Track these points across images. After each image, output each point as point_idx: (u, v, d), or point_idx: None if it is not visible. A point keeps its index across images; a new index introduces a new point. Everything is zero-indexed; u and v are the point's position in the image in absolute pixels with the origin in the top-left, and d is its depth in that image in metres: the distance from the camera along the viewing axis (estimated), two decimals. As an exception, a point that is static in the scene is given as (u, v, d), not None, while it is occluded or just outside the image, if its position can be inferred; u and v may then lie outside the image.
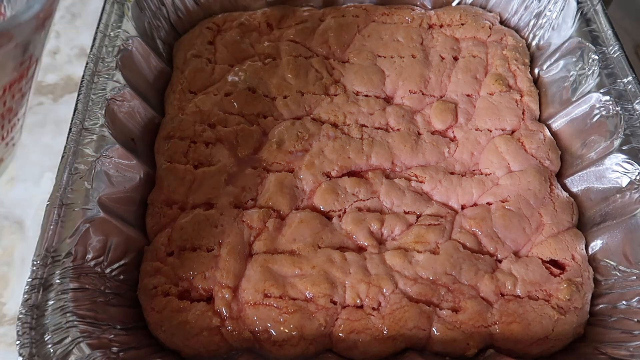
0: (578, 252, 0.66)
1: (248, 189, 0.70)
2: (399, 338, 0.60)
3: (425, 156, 0.73)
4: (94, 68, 0.69)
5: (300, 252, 0.65)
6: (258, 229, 0.67)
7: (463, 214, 0.69)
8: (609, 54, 0.71)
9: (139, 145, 0.72)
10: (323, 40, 0.84)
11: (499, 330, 0.61)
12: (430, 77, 0.81)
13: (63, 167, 0.61)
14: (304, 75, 0.80)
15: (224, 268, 0.63)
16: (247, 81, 0.78)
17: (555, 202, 0.69)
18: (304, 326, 0.60)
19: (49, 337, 0.51)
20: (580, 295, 0.63)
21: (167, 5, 0.85)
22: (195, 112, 0.76)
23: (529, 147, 0.73)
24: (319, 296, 0.61)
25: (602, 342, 0.60)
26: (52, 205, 0.58)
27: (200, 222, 0.66)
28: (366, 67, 0.81)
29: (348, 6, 0.88)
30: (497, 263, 0.66)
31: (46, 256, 0.55)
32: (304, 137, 0.74)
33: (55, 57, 0.96)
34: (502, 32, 0.86)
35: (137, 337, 0.59)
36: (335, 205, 0.69)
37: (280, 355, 0.60)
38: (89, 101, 0.66)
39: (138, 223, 0.68)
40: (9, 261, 0.75)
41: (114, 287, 0.60)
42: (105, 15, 0.75)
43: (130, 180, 0.67)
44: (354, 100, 0.78)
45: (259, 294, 0.61)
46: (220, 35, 0.86)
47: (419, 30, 0.85)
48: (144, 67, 0.77)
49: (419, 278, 0.63)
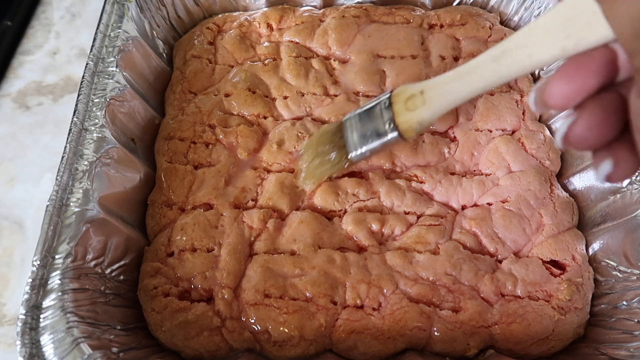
0: (578, 253, 0.66)
1: (248, 190, 0.70)
2: (400, 338, 0.60)
3: (425, 156, 0.73)
4: (94, 68, 0.69)
5: (301, 253, 0.65)
6: (258, 229, 0.67)
7: (463, 214, 0.69)
8: (609, 54, 0.71)
9: (139, 145, 0.72)
10: (323, 41, 0.84)
11: (499, 330, 0.61)
12: (431, 77, 0.81)
13: (63, 168, 0.61)
14: (304, 76, 0.80)
15: (224, 268, 0.63)
16: (247, 81, 0.78)
17: (556, 202, 0.69)
18: (304, 326, 0.60)
19: (49, 337, 0.51)
20: (581, 295, 0.63)
21: (167, 5, 0.85)
22: (196, 113, 0.76)
23: (529, 148, 0.73)
24: (319, 296, 0.61)
25: (602, 343, 0.60)
26: (52, 205, 0.58)
27: (200, 222, 0.66)
28: (366, 68, 0.80)
29: (348, 6, 0.88)
30: (497, 263, 0.66)
31: (46, 257, 0.55)
32: (304, 137, 0.74)
33: (55, 57, 0.96)
34: (503, 32, 0.86)
35: (137, 337, 0.59)
36: (336, 205, 0.69)
37: (280, 355, 0.60)
38: (89, 101, 0.66)
39: (138, 223, 0.68)
40: (9, 261, 0.75)
41: (114, 287, 0.60)
42: (105, 16, 0.75)
43: (130, 180, 0.67)
44: (354, 100, 0.78)
45: (259, 294, 0.61)
46: (220, 36, 0.86)
47: (419, 31, 0.85)
48: (144, 68, 0.77)
49: (419, 278, 0.64)
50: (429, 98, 0.52)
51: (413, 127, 0.54)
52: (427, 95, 0.52)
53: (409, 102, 0.54)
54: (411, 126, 0.54)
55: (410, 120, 0.54)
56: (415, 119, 0.54)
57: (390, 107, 0.56)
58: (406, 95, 0.55)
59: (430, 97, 0.52)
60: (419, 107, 0.53)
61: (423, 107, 0.53)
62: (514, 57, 0.43)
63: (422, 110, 0.53)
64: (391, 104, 0.56)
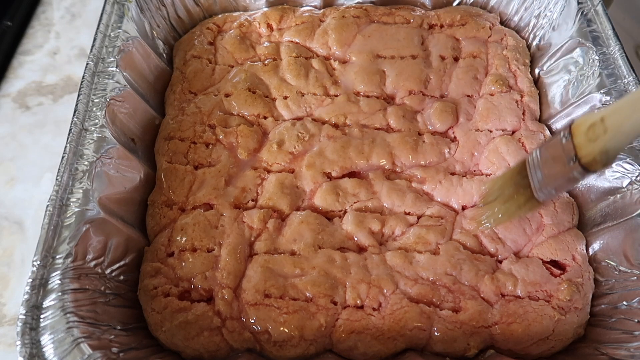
0: (578, 253, 0.66)
1: (248, 190, 0.70)
2: (400, 338, 0.60)
3: (425, 156, 0.73)
4: (94, 68, 0.69)
5: (301, 253, 0.65)
6: (258, 229, 0.67)
7: (463, 215, 0.69)
8: (610, 54, 0.71)
9: (139, 145, 0.72)
10: (323, 41, 0.84)
11: (500, 330, 0.61)
12: (431, 77, 0.81)
13: (63, 168, 0.60)
14: (304, 76, 0.80)
15: (224, 268, 0.63)
16: (247, 81, 0.78)
17: (556, 202, 0.69)
18: (304, 326, 0.60)
19: (49, 337, 0.51)
20: (581, 295, 0.63)
21: (167, 5, 0.85)
22: (196, 113, 0.76)
23: (529, 148, 0.73)
24: (319, 296, 0.61)
25: (602, 343, 0.60)
26: (52, 205, 0.58)
27: (200, 222, 0.66)
28: (366, 68, 0.80)
29: (348, 6, 0.88)
30: (497, 263, 0.66)
31: (46, 257, 0.55)
32: (305, 137, 0.74)
33: (55, 57, 0.96)
34: (503, 32, 0.86)
35: (137, 337, 0.59)
36: (336, 205, 0.69)
37: (280, 355, 0.60)
38: (89, 101, 0.66)
39: (138, 223, 0.68)
40: (9, 261, 0.75)
41: (114, 287, 0.60)
42: (105, 16, 0.75)
43: (130, 180, 0.67)
44: (354, 100, 0.78)
45: (259, 295, 0.61)
46: (220, 36, 0.86)
47: (419, 31, 0.85)
48: (144, 68, 0.77)
49: (419, 278, 0.63)
50: (611, 125, 0.49)
51: (597, 158, 0.50)
52: (609, 122, 0.49)
53: (589, 132, 0.50)
54: (594, 158, 0.50)
55: (593, 151, 0.50)
56: (597, 149, 0.50)
57: (572, 139, 0.52)
58: (586, 125, 0.51)
59: (612, 124, 0.49)
60: (600, 136, 0.49)
61: (605, 136, 0.49)
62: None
63: (604, 139, 0.49)
64: (572, 136, 0.52)
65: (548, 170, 0.56)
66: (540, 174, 0.57)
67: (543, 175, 0.56)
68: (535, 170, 0.57)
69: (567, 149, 0.53)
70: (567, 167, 0.53)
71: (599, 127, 0.50)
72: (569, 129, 0.53)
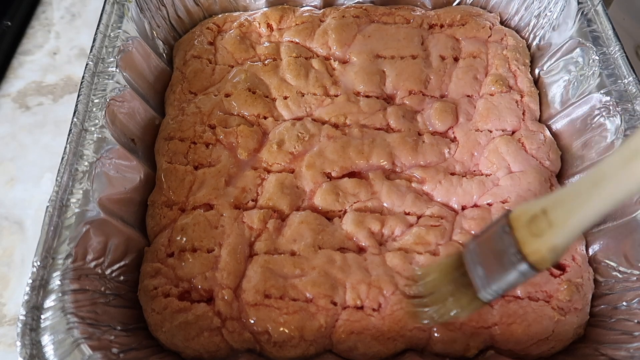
0: (578, 253, 0.66)
1: (248, 190, 0.70)
2: (399, 339, 0.60)
3: (425, 157, 0.73)
4: (94, 68, 0.69)
5: (301, 253, 0.65)
6: (258, 229, 0.67)
7: (463, 215, 0.69)
8: (610, 55, 0.71)
9: (139, 146, 0.72)
10: (323, 41, 0.84)
11: (499, 331, 0.61)
12: (431, 77, 0.81)
13: (63, 168, 0.60)
14: (304, 76, 0.79)
15: (224, 269, 0.63)
16: (247, 82, 0.78)
17: (556, 202, 0.69)
18: (304, 327, 0.60)
19: (50, 338, 0.51)
20: (581, 296, 0.63)
21: (167, 5, 0.85)
22: (196, 113, 0.76)
23: (529, 148, 0.73)
24: (319, 297, 0.61)
25: (602, 343, 0.60)
26: (52, 206, 0.58)
27: (200, 223, 0.66)
28: (366, 68, 0.80)
29: (348, 6, 0.88)
30: (497, 264, 0.66)
31: (46, 257, 0.55)
32: (305, 137, 0.74)
33: (55, 57, 0.96)
34: (503, 32, 0.86)
35: (137, 338, 0.59)
36: (336, 206, 0.69)
37: (280, 356, 0.60)
38: (89, 102, 0.66)
39: (138, 224, 0.68)
40: (9, 262, 0.75)
41: (114, 288, 0.60)
42: (105, 16, 0.75)
43: (130, 181, 0.67)
44: (354, 100, 0.78)
45: (259, 295, 0.61)
46: (220, 36, 0.86)
47: (419, 31, 0.85)
48: (144, 68, 0.77)
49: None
50: (556, 219, 0.45)
51: (546, 257, 0.46)
52: (553, 216, 0.45)
53: (532, 226, 0.46)
54: (543, 257, 0.46)
55: (540, 249, 0.46)
56: (545, 247, 0.46)
57: (511, 233, 0.48)
58: (526, 217, 0.47)
59: (556, 218, 0.45)
60: (545, 231, 0.45)
61: (550, 231, 0.45)
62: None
63: (551, 235, 0.45)
64: (512, 229, 0.48)
65: (489, 267, 0.50)
66: (482, 271, 0.51)
67: (485, 273, 0.51)
68: (475, 266, 0.52)
69: (507, 243, 0.48)
70: (511, 264, 0.48)
71: (542, 221, 0.46)
72: (506, 219, 0.49)
